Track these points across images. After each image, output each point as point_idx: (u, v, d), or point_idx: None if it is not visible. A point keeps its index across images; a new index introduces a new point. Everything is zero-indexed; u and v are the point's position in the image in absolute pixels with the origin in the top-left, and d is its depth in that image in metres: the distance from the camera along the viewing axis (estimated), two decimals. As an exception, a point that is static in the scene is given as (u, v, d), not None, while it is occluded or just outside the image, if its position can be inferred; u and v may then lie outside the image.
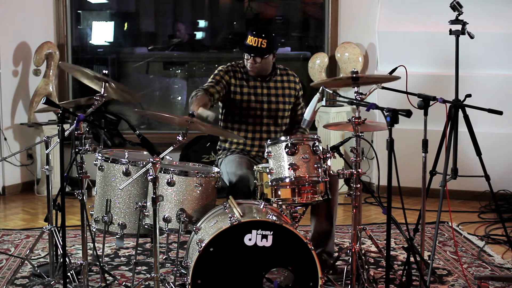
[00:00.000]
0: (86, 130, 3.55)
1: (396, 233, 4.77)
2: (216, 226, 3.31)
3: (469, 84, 5.40)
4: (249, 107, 4.21)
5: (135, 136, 3.32)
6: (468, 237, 4.82)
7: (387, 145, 3.14)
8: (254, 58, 4.14)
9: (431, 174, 4.14)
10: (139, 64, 7.75)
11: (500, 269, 4.16)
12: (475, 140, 4.15)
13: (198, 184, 3.59)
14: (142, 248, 4.55)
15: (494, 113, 4.08)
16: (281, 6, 7.89)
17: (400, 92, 3.83)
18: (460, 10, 4.21)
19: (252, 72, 4.21)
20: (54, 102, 3.51)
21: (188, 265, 3.33)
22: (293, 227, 3.29)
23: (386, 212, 3.19)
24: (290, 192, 3.55)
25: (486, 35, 5.53)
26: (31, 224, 5.29)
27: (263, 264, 3.24)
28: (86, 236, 3.57)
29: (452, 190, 4.47)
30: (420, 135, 3.92)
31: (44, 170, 3.84)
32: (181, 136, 3.36)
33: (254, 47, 4.11)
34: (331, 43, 6.51)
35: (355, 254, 3.55)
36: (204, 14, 8.15)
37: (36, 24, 6.46)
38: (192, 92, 4.11)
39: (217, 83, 4.16)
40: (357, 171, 3.51)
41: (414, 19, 5.97)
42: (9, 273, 4.07)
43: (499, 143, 5.79)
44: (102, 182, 3.79)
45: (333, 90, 4.02)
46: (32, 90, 6.34)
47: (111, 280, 3.87)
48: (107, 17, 7.76)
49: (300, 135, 3.67)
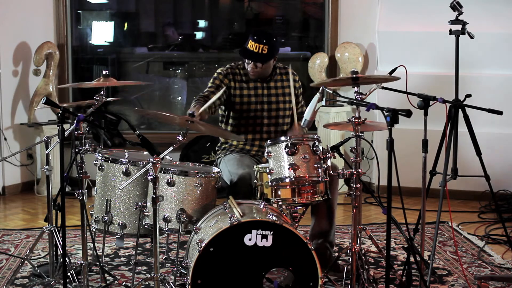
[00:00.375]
0: (86, 130, 3.55)
1: (396, 233, 4.77)
2: (216, 226, 3.31)
3: (469, 84, 5.40)
4: (250, 108, 4.21)
5: (135, 136, 3.32)
6: (468, 237, 4.82)
7: (387, 145, 3.14)
8: (255, 64, 4.13)
9: (431, 174, 4.14)
10: (139, 64, 7.75)
11: (500, 269, 4.16)
12: (475, 140, 4.15)
13: (198, 184, 3.59)
14: (142, 248, 4.55)
15: (494, 113, 4.08)
16: (281, 6, 7.89)
17: (400, 92, 3.83)
18: (460, 10, 4.21)
19: (253, 76, 4.20)
20: (54, 102, 3.51)
21: (188, 265, 3.33)
22: (293, 227, 3.29)
23: (386, 212, 3.19)
24: (290, 192, 3.55)
25: (486, 35, 5.53)
26: (31, 224, 5.29)
27: (263, 264, 3.24)
28: (86, 236, 3.57)
29: (452, 190, 4.47)
30: (420, 135, 3.92)
31: (44, 170, 3.84)
32: (181, 136, 3.35)
33: (255, 53, 4.08)
34: (331, 43, 6.50)
35: (355, 254, 3.55)
36: (204, 14, 8.15)
37: (36, 24, 6.46)
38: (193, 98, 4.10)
39: (218, 88, 4.13)
40: (357, 171, 3.51)
41: (414, 19, 5.96)
42: (9, 273, 4.07)
43: (499, 143, 5.78)
44: (102, 182, 3.79)
45: (333, 90, 4.03)
46: (32, 90, 6.34)
47: (111, 280, 3.87)
48: (107, 17, 7.75)
49: (300, 135, 3.66)
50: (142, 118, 7.41)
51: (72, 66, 6.75)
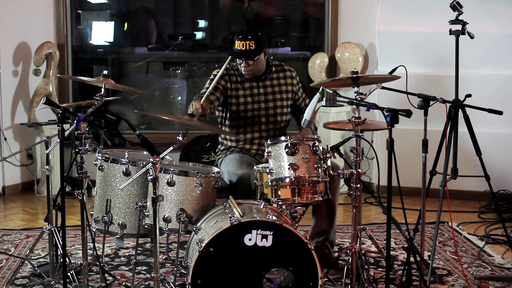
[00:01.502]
0: (86, 130, 3.55)
1: (396, 233, 4.77)
2: (216, 226, 3.31)
3: (469, 84, 5.40)
4: (247, 108, 4.21)
5: (135, 136, 3.32)
6: (468, 237, 4.82)
7: (387, 145, 3.14)
8: (246, 62, 4.14)
9: (431, 174, 4.14)
10: (139, 64, 7.75)
11: (500, 269, 4.16)
12: (475, 140, 4.15)
13: (198, 184, 3.59)
14: (142, 248, 4.55)
15: (494, 113, 4.07)
16: (281, 6, 7.89)
17: (400, 92, 3.83)
18: (460, 10, 4.21)
19: (248, 76, 4.21)
20: (54, 102, 3.51)
21: (188, 265, 3.33)
22: (293, 227, 3.29)
23: (386, 212, 3.19)
24: (290, 192, 3.54)
25: (486, 35, 5.53)
26: (31, 224, 5.29)
27: (263, 264, 3.24)
28: (86, 236, 3.57)
29: (452, 190, 4.47)
30: (420, 135, 3.92)
31: (44, 170, 3.84)
32: (181, 136, 3.36)
33: (243, 51, 4.10)
34: (331, 43, 6.50)
35: (355, 254, 3.55)
36: (204, 14, 8.15)
37: (36, 24, 6.46)
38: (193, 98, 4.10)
39: (215, 89, 4.14)
40: (357, 171, 3.51)
41: (414, 19, 5.96)
42: (9, 273, 4.07)
43: (499, 143, 5.78)
44: (102, 182, 3.79)
45: (333, 90, 4.02)
46: (32, 90, 6.34)
47: (111, 280, 3.87)
48: (107, 17, 7.75)
49: (300, 135, 3.67)
50: (142, 118, 7.41)
51: (72, 66, 6.75)
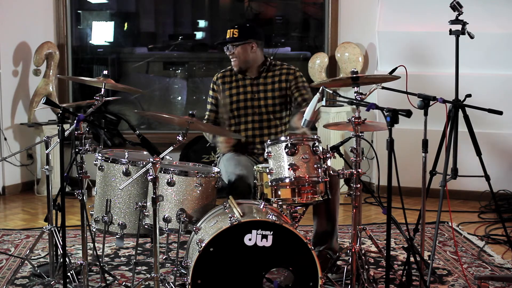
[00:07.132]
0: (86, 130, 3.55)
1: (396, 233, 4.77)
2: (216, 226, 3.31)
3: (469, 84, 5.40)
4: (239, 106, 4.28)
5: (135, 136, 3.32)
6: (468, 237, 4.82)
7: (387, 145, 3.14)
8: (230, 50, 4.22)
9: (431, 174, 4.14)
10: (139, 64, 7.75)
11: (500, 269, 4.16)
12: (475, 140, 4.15)
13: (198, 184, 3.59)
14: (142, 248, 4.55)
15: (494, 113, 4.07)
16: (281, 6, 7.89)
17: (400, 92, 3.82)
18: (460, 10, 4.21)
19: (236, 67, 4.26)
20: (54, 102, 3.51)
21: (188, 265, 3.32)
22: (293, 227, 3.29)
23: (386, 212, 3.19)
24: (290, 192, 3.54)
25: (486, 35, 5.53)
26: (31, 224, 5.29)
27: (263, 264, 3.24)
28: (86, 236, 3.57)
29: (452, 190, 4.47)
30: (420, 135, 3.92)
31: (44, 170, 3.84)
32: (181, 136, 3.36)
33: (227, 38, 4.23)
34: (331, 43, 6.50)
35: (355, 254, 3.55)
36: (204, 14, 8.15)
37: (36, 24, 6.46)
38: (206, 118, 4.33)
39: (216, 106, 4.32)
40: (357, 171, 3.51)
41: (414, 19, 5.96)
42: (9, 273, 4.07)
43: (499, 143, 5.78)
44: (102, 182, 3.79)
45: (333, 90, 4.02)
46: (32, 90, 6.34)
47: (111, 280, 3.87)
48: (107, 17, 7.75)
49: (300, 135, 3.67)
50: (142, 118, 7.41)
51: (72, 66, 6.75)
